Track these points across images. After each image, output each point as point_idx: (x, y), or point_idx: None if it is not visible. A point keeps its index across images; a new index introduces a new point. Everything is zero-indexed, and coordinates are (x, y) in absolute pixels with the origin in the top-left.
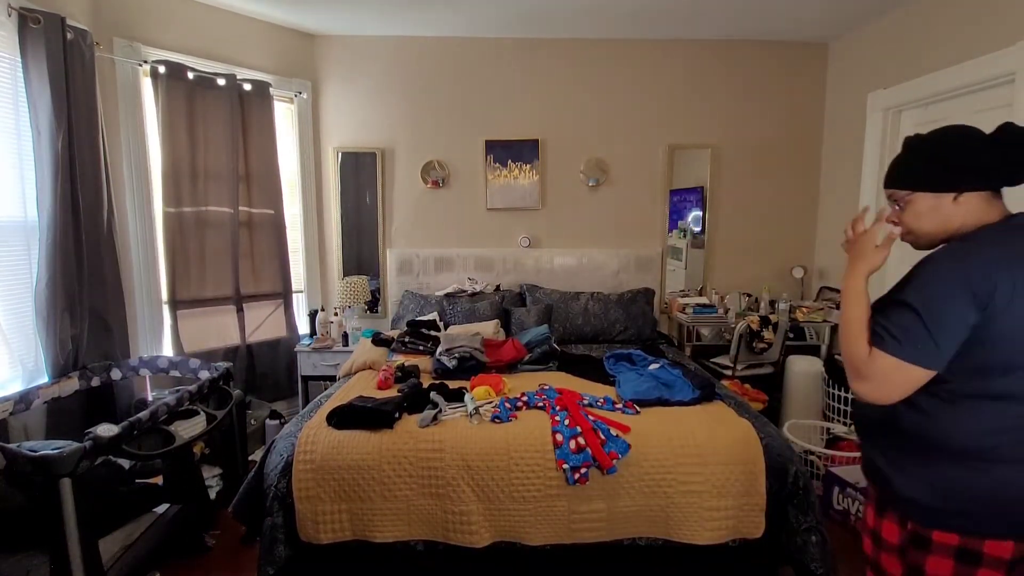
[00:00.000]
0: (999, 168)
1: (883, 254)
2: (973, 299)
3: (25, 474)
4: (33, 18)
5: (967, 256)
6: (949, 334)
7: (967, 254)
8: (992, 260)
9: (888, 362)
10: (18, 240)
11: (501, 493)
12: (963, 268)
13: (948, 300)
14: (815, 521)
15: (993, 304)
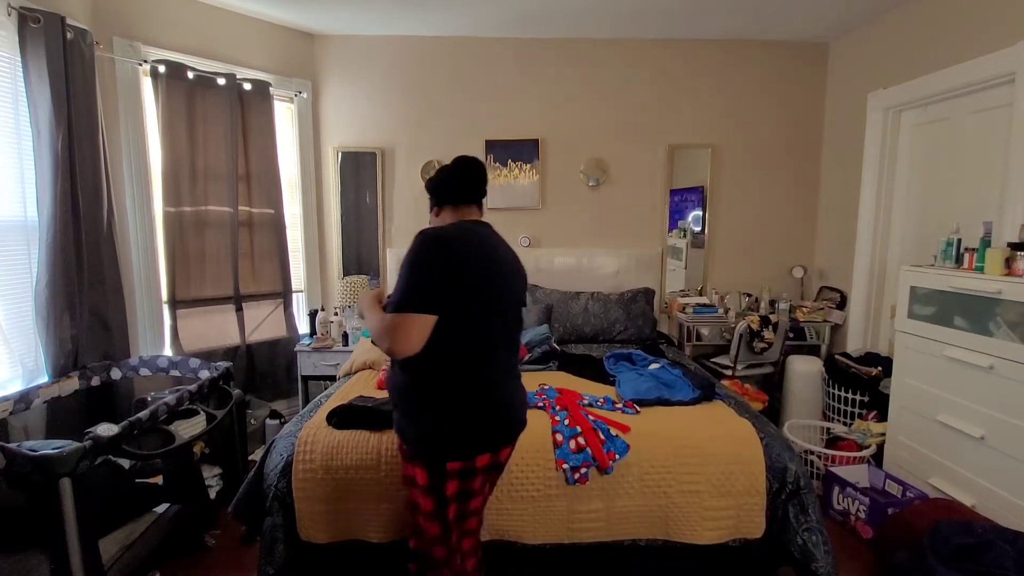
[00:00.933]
0: (449, 191)
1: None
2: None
3: (25, 474)
4: (33, 17)
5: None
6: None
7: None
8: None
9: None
10: (18, 240)
11: (500, 493)
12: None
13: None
14: (815, 521)
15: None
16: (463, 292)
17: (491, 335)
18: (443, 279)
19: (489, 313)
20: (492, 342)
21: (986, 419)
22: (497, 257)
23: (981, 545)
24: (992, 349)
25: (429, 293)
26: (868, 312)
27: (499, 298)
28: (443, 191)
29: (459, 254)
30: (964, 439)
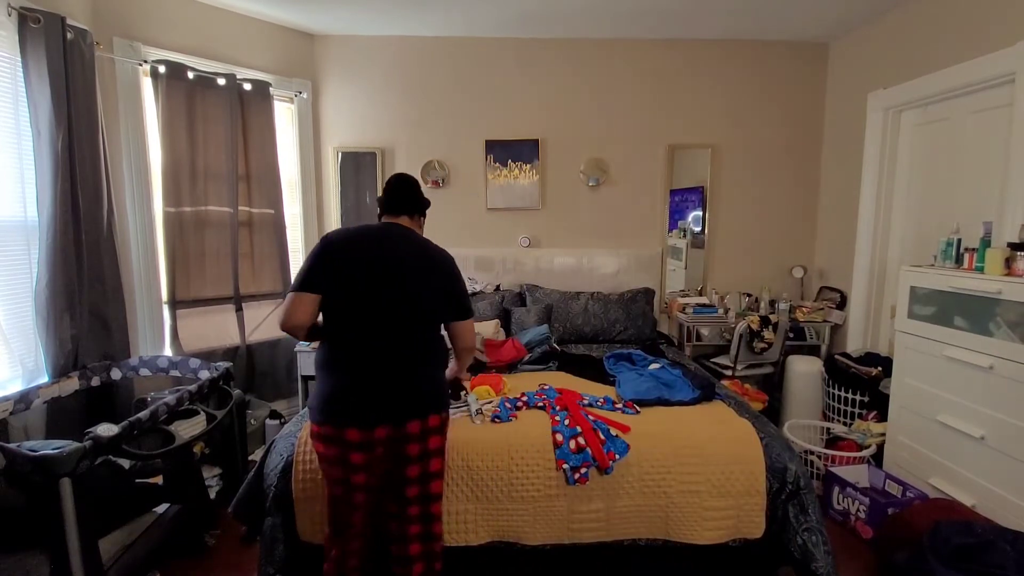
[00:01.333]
0: (380, 203)
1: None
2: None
3: (25, 474)
4: (33, 18)
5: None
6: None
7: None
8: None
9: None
10: (18, 240)
11: (500, 493)
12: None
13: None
14: (815, 521)
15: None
16: (330, 280)
17: (349, 320)
18: (320, 267)
19: (349, 300)
20: (349, 326)
21: (986, 419)
22: (371, 255)
23: (981, 545)
24: (992, 349)
25: (306, 277)
26: (868, 312)
27: (359, 289)
28: (379, 203)
29: (331, 249)
30: (964, 439)
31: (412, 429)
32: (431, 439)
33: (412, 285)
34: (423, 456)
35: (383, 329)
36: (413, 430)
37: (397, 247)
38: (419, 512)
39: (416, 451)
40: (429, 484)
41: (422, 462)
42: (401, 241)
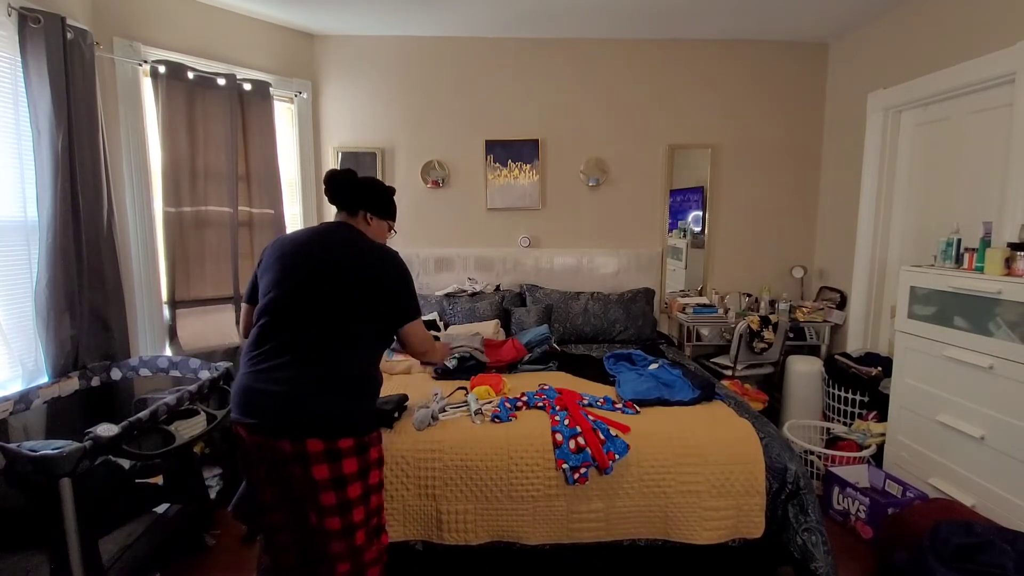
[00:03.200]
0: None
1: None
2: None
3: (25, 474)
4: (33, 18)
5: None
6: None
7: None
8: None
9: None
10: (18, 240)
11: (500, 493)
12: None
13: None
14: (815, 521)
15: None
16: (260, 286)
17: (261, 318)
18: (255, 275)
19: (264, 298)
20: (260, 325)
21: (986, 419)
22: (294, 249)
23: (981, 545)
24: (992, 349)
25: (248, 288)
26: (868, 312)
27: (274, 281)
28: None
29: (264, 254)
30: (964, 439)
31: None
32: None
33: (328, 288)
34: (304, 481)
35: (284, 329)
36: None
37: (325, 248)
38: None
39: (298, 473)
40: (321, 517)
41: (304, 487)
42: (334, 242)
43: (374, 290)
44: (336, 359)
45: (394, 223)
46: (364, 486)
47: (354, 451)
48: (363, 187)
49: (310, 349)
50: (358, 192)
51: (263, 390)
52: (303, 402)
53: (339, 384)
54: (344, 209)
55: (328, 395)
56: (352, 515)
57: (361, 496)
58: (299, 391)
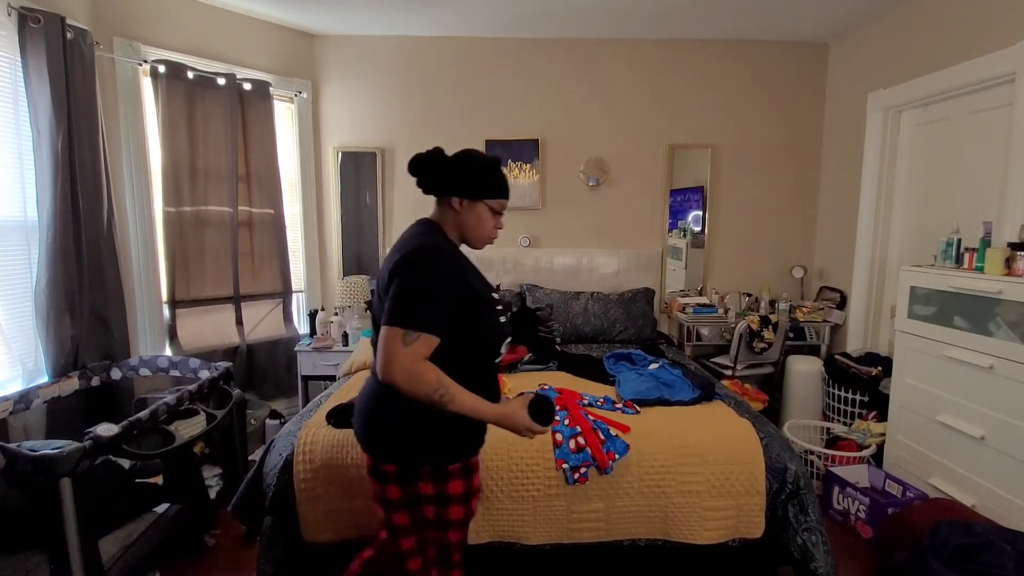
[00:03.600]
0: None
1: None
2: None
3: (25, 474)
4: (33, 18)
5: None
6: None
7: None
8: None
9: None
10: (18, 240)
11: (500, 492)
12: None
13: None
14: (815, 521)
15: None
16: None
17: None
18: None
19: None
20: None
21: (986, 419)
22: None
23: (981, 545)
24: (992, 349)
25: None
26: (868, 312)
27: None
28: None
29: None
30: (964, 439)
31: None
32: (388, 487)
33: (381, 284)
34: (381, 498)
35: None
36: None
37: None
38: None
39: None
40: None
41: (384, 504)
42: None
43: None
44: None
45: (496, 202)
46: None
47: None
48: (445, 166)
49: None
50: (439, 173)
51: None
52: (363, 419)
53: (388, 404)
54: (431, 194)
55: (377, 413)
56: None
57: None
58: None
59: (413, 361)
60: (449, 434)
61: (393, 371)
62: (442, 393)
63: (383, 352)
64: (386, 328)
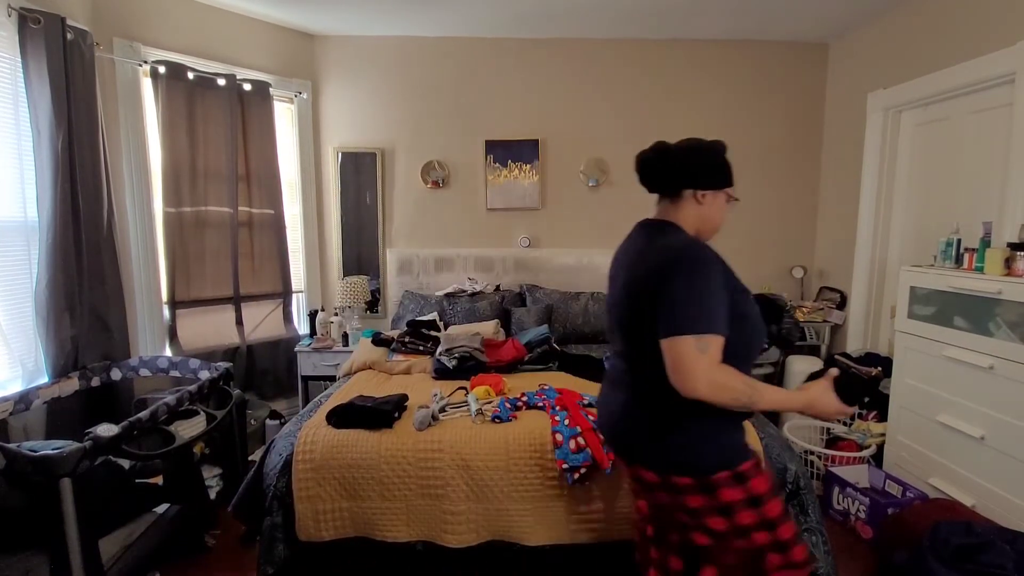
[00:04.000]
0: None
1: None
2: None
3: (25, 474)
4: (33, 18)
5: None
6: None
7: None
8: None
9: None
10: (18, 240)
11: (500, 493)
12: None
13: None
14: (816, 522)
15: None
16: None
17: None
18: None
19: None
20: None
21: (986, 419)
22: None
23: (981, 545)
24: (992, 349)
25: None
26: (868, 312)
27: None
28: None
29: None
30: (964, 439)
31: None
32: (657, 494)
33: (618, 294)
34: (652, 508)
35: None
36: (631, 474)
37: (627, 246)
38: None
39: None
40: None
41: (652, 514)
42: (631, 238)
43: (650, 291)
44: (635, 381)
45: (732, 189)
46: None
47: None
48: (679, 158)
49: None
50: (673, 167)
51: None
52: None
53: (642, 408)
54: (657, 192)
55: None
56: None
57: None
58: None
59: (714, 369)
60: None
61: (697, 385)
62: (750, 394)
63: (680, 366)
64: (673, 340)
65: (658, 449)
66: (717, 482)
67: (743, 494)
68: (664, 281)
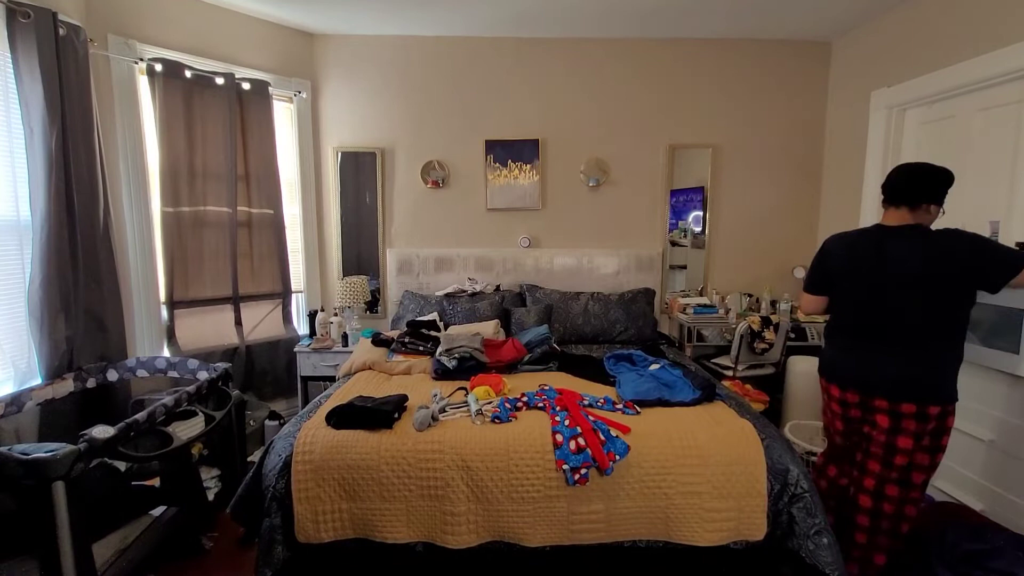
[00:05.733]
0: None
1: None
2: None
3: (16, 477)
4: (22, 12)
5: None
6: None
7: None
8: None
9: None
10: (11, 239)
11: (500, 494)
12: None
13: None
14: (823, 522)
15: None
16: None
17: (843, 307)
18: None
19: (842, 293)
20: (844, 312)
21: (994, 422)
22: (854, 253)
23: (990, 551)
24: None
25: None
26: None
27: (849, 284)
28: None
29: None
30: (971, 442)
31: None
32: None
33: (878, 278)
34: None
35: (867, 316)
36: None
37: (875, 244)
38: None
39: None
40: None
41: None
42: (878, 237)
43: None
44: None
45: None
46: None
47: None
48: (938, 180)
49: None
50: (932, 186)
51: (843, 361)
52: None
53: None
54: (894, 204)
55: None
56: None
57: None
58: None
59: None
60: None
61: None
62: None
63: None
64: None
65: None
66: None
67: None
68: (977, 254)
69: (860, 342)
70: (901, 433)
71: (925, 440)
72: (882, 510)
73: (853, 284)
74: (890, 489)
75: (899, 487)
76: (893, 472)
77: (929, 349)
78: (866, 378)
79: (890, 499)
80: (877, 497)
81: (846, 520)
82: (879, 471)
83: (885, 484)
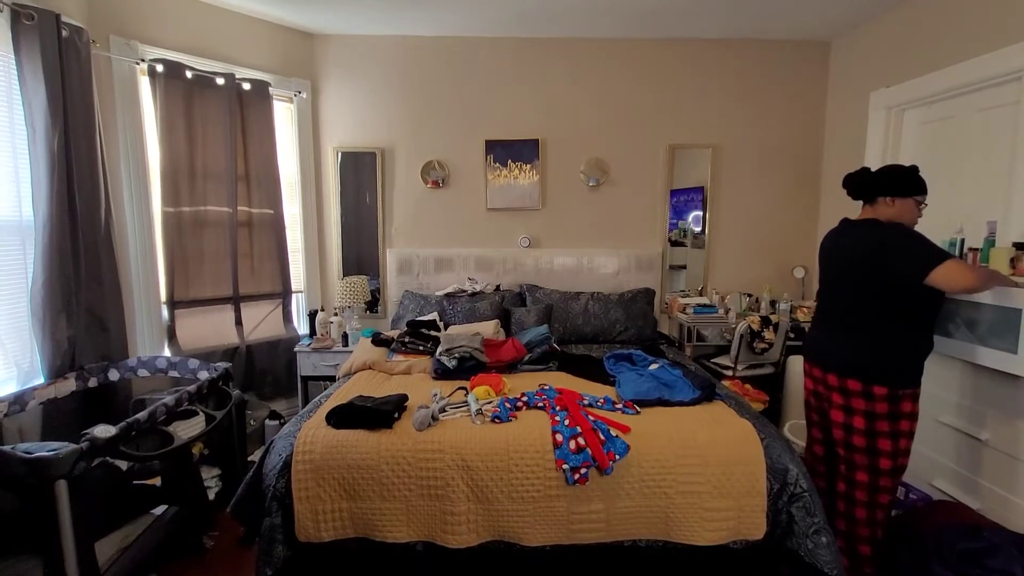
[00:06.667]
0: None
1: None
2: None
3: (18, 476)
4: (26, 14)
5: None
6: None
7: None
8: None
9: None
10: (13, 239)
11: (500, 493)
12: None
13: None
14: (822, 522)
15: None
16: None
17: (819, 294)
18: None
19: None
20: (819, 298)
21: (990, 421)
22: (824, 244)
23: (987, 549)
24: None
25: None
26: None
27: (826, 274)
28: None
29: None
30: (968, 440)
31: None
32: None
33: (842, 269)
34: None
35: (832, 301)
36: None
37: (849, 236)
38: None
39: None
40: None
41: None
42: (848, 230)
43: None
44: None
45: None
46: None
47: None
48: (874, 176)
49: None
50: (871, 182)
51: (816, 340)
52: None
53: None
54: (860, 200)
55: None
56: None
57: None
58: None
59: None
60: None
61: (967, 280)
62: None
63: (957, 276)
64: (940, 267)
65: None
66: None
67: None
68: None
69: (823, 324)
70: (854, 413)
71: (883, 424)
72: (855, 497)
73: (822, 273)
74: (860, 475)
75: (868, 474)
76: (856, 455)
77: (871, 333)
78: (824, 356)
79: (860, 485)
80: (849, 483)
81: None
82: (844, 455)
83: (855, 471)
